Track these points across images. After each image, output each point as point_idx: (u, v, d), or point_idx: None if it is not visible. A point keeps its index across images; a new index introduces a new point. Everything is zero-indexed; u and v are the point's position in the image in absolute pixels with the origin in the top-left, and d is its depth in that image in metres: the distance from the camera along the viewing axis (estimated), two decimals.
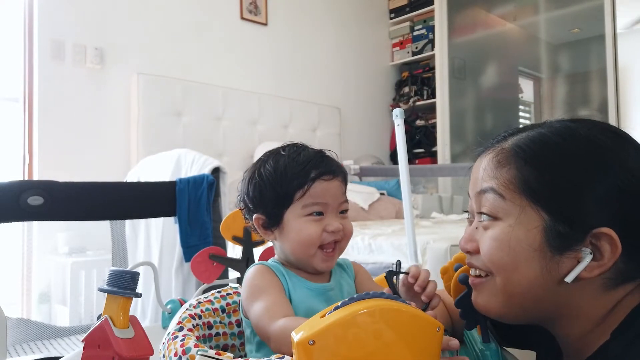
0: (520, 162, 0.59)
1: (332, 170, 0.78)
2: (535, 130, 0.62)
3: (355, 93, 4.17)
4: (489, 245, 0.60)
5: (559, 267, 0.57)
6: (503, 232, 0.59)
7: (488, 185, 0.61)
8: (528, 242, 0.57)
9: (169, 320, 1.13)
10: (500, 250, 0.59)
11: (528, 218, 0.57)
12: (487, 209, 0.61)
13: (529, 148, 0.59)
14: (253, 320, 0.72)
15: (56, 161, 2.57)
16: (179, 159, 2.12)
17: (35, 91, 2.56)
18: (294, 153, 0.79)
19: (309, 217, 0.77)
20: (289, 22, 3.71)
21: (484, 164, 0.63)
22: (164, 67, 2.99)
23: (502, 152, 0.62)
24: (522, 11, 4.05)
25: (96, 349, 0.66)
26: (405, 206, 1.46)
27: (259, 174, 0.79)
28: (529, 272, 0.58)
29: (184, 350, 0.66)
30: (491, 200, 0.60)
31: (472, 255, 0.64)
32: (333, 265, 0.80)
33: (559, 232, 0.56)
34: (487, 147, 0.65)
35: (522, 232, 0.57)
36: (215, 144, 3.08)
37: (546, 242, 0.56)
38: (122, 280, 0.68)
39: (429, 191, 3.95)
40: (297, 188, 0.76)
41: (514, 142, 0.62)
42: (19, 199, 1.30)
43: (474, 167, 0.67)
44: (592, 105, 3.64)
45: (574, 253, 0.56)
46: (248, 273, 0.78)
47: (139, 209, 1.66)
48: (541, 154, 0.59)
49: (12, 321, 2.02)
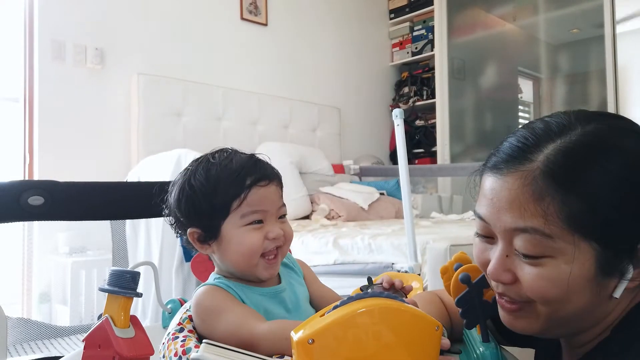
0: (562, 191, 0.52)
1: (267, 175, 0.75)
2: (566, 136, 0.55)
3: (355, 93, 4.17)
4: (540, 285, 0.55)
5: (607, 287, 0.55)
6: (556, 271, 0.54)
7: (529, 225, 0.54)
8: (582, 275, 0.54)
9: (169, 320, 1.13)
10: (554, 289, 0.54)
11: (580, 251, 0.53)
12: (530, 250, 0.55)
13: (568, 169, 0.52)
14: (223, 337, 0.68)
15: (56, 161, 2.57)
16: (179, 159, 2.13)
17: (36, 91, 2.56)
18: (225, 160, 0.75)
19: (248, 227, 0.73)
20: (289, 22, 3.71)
21: (512, 193, 0.55)
22: (164, 67, 2.99)
23: (535, 181, 0.54)
24: (521, 11, 4.05)
25: (97, 348, 0.66)
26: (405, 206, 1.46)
27: (189, 185, 0.74)
28: (580, 301, 0.55)
29: (184, 351, 0.66)
30: (535, 240, 0.54)
31: (504, 285, 0.59)
32: (276, 272, 0.77)
33: (610, 259, 0.54)
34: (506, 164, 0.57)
35: (577, 267, 0.53)
36: (215, 144, 3.04)
37: (599, 270, 0.54)
38: (123, 280, 0.68)
39: (429, 191, 3.95)
40: (233, 197, 0.72)
41: (544, 162, 0.54)
42: (20, 199, 1.30)
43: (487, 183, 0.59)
44: (591, 105, 3.64)
45: (619, 270, 0.55)
46: (196, 298, 0.73)
47: (140, 209, 1.66)
48: (584, 178, 0.52)
49: (13, 321, 2.02)
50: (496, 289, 0.61)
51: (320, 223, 2.70)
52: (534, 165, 0.54)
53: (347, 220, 2.85)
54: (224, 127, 3.19)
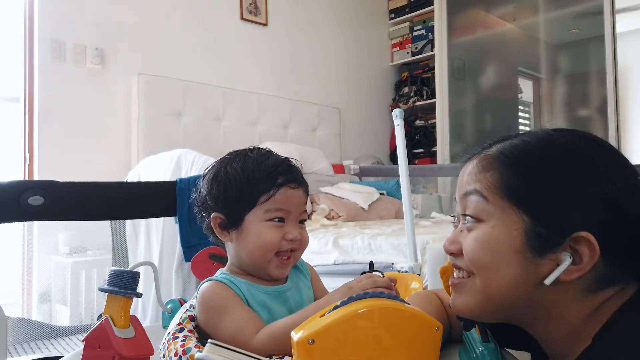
0: (503, 167, 0.61)
1: (298, 179, 0.78)
2: (519, 138, 0.64)
3: (355, 93, 4.17)
4: (471, 246, 0.61)
5: (539, 269, 0.58)
6: (485, 233, 0.60)
7: (472, 187, 0.63)
8: (509, 243, 0.59)
9: (169, 320, 1.13)
10: (481, 251, 0.60)
11: (510, 220, 0.59)
12: (471, 210, 0.63)
13: (512, 154, 0.62)
14: (224, 337, 0.69)
15: (56, 161, 2.57)
16: (179, 159, 2.13)
17: (36, 91, 2.56)
18: (262, 156, 0.78)
19: (269, 223, 0.75)
20: (289, 22, 3.72)
21: (469, 168, 0.66)
22: (164, 67, 2.99)
23: (486, 158, 0.64)
24: (521, 11, 4.05)
25: (96, 348, 0.66)
26: (405, 206, 1.46)
27: (225, 172, 0.77)
28: (509, 273, 0.59)
29: (184, 351, 0.66)
30: (475, 202, 0.62)
31: (456, 257, 0.66)
32: (287, 272, 0.79)
33: (539, 235, 0.57)
34: (473, 154, 0.68)
35: (504, 233, 0.59)
36: (215, 144, 3.08)
37: (527, 244, 0.58)
38: (123, 280, 0.68)
39: (429, 191, 3.95)
40: (262, 192, 0.75)
41: (498, 148, 0.64)
42: (19, 199, 1.30)
43: (460, 172, 0.69)
44: (591, 105, 3.64)
45: (553, 255, 0.57)
46: (201, 294, 0.75)
47: (140, 209, 1.66)
48: (522, 159, 0.61)
49: (13, 321, 2.03)
50: (452, 261, 0.67)
51: (321, 223, 2.70)
52: (491, 149, 0.65)
53: (347, 220, 2.85)
54: (224, 127, 3.19)
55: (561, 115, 3.87)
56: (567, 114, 3.84)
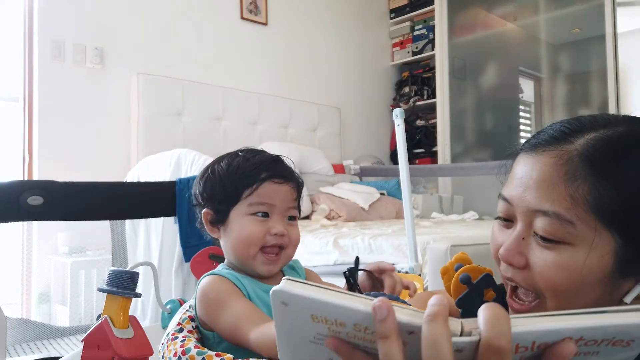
0: (595, 175, 0.50)
1: (284, 175, 0.79)
2: (609, 129, 0.53)
3: (355, 93, 4.16)
4: (554, 273, 0.52)
5: (620, 288, 0.53)
6: (572, 259, 0.51)
7: (553, 208, 0.52)
8: (599, 269, 0.51)
9: (168, 320, 1.13)
10: (567, 278, 0.52)
11: (602, 242, 0.51)
12: (550, 233, 0.52)
13: (604, 157, 0.51)
14: (225, 332, 0.70)
15: (56, 161, 2.57)
16: (179, 158, 2.12)
17: (35, 91, 2.56)
18: (249, 154, 0.81)
19: (252, 217, 0.76)
20: (289, 22, 3.71)
21: (545, 171, 0.53)
22: (164, 67, 2.99)
23: (570, 161, 0.52)
24: (522, 11, 4.05)
25: (96, 349, 0.66)
26: (405, 206, 1.46)
27: (212, 171, 0.81)
28: (590, 297, 0.53)
29: (183, 351, 0.66)
30: (555, 224, 0.52)
31: (514, 269, 0.56)
32: (276, 270, 0.79)
33: (630, 256, 0.51)
34: (544, 144, 0.55)
35: (595, 259, 0.51)
36: (215, 144, 3.07)
37: (616, 267, 0.51)
38: (122, 280, 0.68)
39: (429, 191, 3.94)
40: (245, 186, 0.77)
41: (584, 146, 0.52)
42: (19, 198, 1.30)
43: (522, 165, 0.57)
44: (592, 105, 3.64)
45: (637, 276, 0.52)
46: (201, 287, 0.75)
47: (139, 209, 1.66)
48: (620, 166, 0.50)
49: (12, 321, 2.02)
50: (505, 273, 0.58)
51: (321, 223, 2.70)
52: (573, 146, 0.52)
53: (347, 221, 2.85)
54: (224, 127, 3.19)
55: (562, 115, 3.87)
56: (568, 114, 3.83)
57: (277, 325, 0.41)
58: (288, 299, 0.38)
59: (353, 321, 0.38)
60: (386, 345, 0.36)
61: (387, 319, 0.36)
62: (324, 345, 0.40)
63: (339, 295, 0.38)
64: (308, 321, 0.39)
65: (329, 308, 0.38)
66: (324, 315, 0.38)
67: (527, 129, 4.14)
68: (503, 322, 0.36)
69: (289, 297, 0.38)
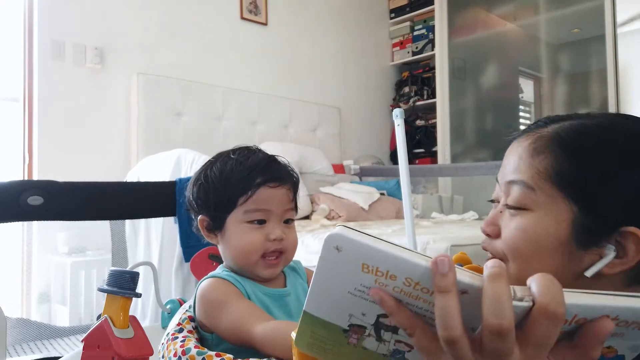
0: (558, 150, 0.57)
1: (280, 177, 0.76)
2: (579, 120, 0.60)
3: (355, 93, 4.16)
4: (513, 235, 0.58)
5: (580, 262, 0.56)
6: (531, 223, 0.57)
7: (518, 177, 0.59)
8: (555, 235, 0.56)
9: (168, 320, 1.13)
10: (524, 241, 0.57)
11: (558, 209, 0.56)
12: (514, 199, 0.59)
13: (569, 136, 0.57)
14: (226, 331, 0.70)
15: (56, 161, 2.57)
16: (179, 158, 2.12)
17: (35, 91, 2.56)
18: (242, 157, 0.78)
19: (249, 225, 0.75)
20: (289, 22, 3.71)
21: (520, 150, 0.61)
22: (164, 67, 2.99)
23: (540, 139, 0.59)
24: (522, 11, 4.05)
25: (96, 349, 0.66)
26: (405, 206, 1.46)
27: (204, 176, 0.78)
28: (548, 264, 0.56)
29: (183, 351, 0.66)
30: (519, 192, 0.58)
31: (490, 239, 0.62)
32: (277, 272, 0.78)
33: (587, 227, 0.55)
34: (525, 131, 0.63)
35: (551, 224, 0.56)
36: (215, 143, 3.07)
37: (573, 236, 0.55)
38: (122, 280, 0.68)
39: (429, 191, 3.94)
40: (241, 193, 0.74)
41: (554, 129, 0.59)
42: (19, 198, 1.30)
43: (508, 150, 0.64)
44: (592, 105, 3.64)
45: (597, 249, 0.55)
46: (201, 289, 0.74)
47: (139, 209, 1.66)
48: (580, 142, 0.57)
49: (12, 321, 2.02)
50: (483, 245, 0.64)
51: (321, 223, 2.70)
52: (546, 129, 0.60)
53: (348, 221, 2.85)
54: (224, 127, 3.19)
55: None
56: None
57: (319, 271, 0.40)
58: (344, 244, 0.38)
59: (406, 275, 0.38)
60: (446, 299, 0.37)
61: (449, 274, 0.37)
62: (362, 298, 0.40)
63: (397, 248, 0.38)
64: (357, 270, 0.38)
65: (385, 258, 0.37)
66: (376, 265, 0.38)
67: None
68: (559, 289, 0.37)
69: (345, 242, 0.38)
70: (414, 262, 0.37)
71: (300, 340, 0.45)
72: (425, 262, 0.37)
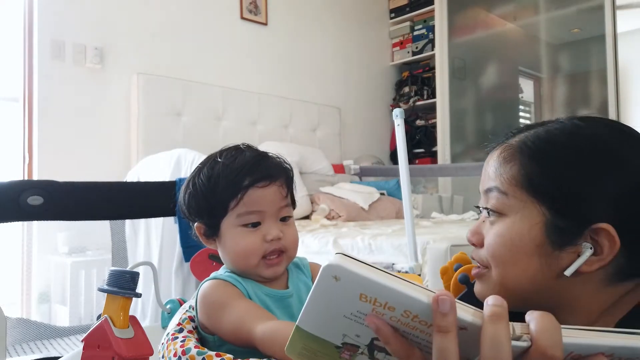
0: (524, 158, 0.59)
1: (269, 175, 0.74)
2: (543, 127, 0.62)
3: (355, 93, 4.16)
4: (493, 241, 0.60)
5: (559, 261, 0.57)
6: (506, 228, 0.59)
7: (493, 184, 0.62)
8: (530, 238, 0.58)
9: (168, 320, 1.13)
10: (502, 246, 0.59)
11: (530, 213, 0.58)
12: (492, 205, 0.61)
13: (534, 144, 0.60)
14: (227, 332, 0.69)
15: (56, 161, 2.57)
16: (179, 158, 2.13)
17: (35, 91, 2.56)
18: (229, 159, 0.76)
19: (244, 228, 0.74)
20: (289, 22, 3.71)
21: (492, 161, 0.64)
22: (164, 67, 2.99)
23: (508, 149, 0.62)
24: (522, 11, 4.05)
25: (96, 348, 0.66)
26: (405, 206, 1.46)
27: (193, 184, 0.77)
28: (528, 267, 0.58)
29: (183, 351, 0.66)
30: (495, 198, 0.61)
31: (476, 248, 0.65)
32: (281, 270, 0.76)
33: (559, 228, 0.56)
34: (497, 143, 0.66)
35: (525, 228, 0.58)
36: (215, 143, 3.05)
37: (547, 238, 0.57)
38: (122, 280, 0.68)
39: (429, 191, 3.94)
40: (230, 197, 0.73)
41: (520, 138, 0.62)
42: (19, 198, 1.30)
43: (484, 163, 0.67)
44: (592, 105, 3.64)
45: (574, 248, 0.56)
46: (202, 291, 0.74)
47: (139, 209, 1.66)
48: (544, 149, 0.59)
49: (12, 321, 2.02)
50: (471, 253, 0.67)
51: (321, 223, 2.70)
52: (513, 139, 0.63)
53: (347, 221, 2.85)
54: (224, 127, 3.19)
55: (562, 115, 3.86)
56: (568, 114, 3.82)
57: (315, 294, 0.40)
58: (342, 274, 0.38)
59: (405, 307, 0.38)
60: (444, 340, 0.37)
61: (450, 314, 0.37)
62: (357, 323, 0.40)
63: (397, 281, 0.37)
64: (354, 299, 0.38)
65: (384, 291, 0.37)
66: (374, 296, 0.38)
67: None
68: (557, 332, 0.38)
69: (343, 273, 0.38)
70: (415, 297, 0.37)
71: (292, 349, 0.45)
72: (427, 298, 0.37)
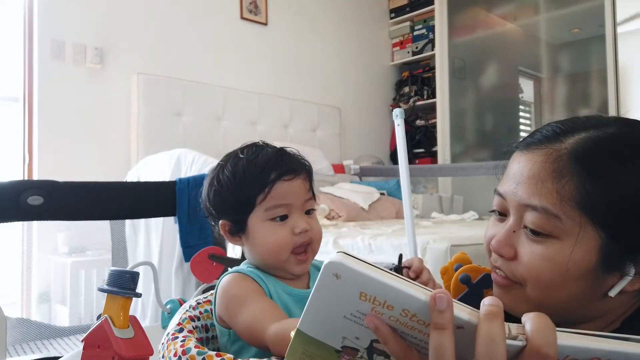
0: (583, 174, 0.52)
1: (293, 169, 0.75)
2: (600, 130, 0.55)
3: (355, 93, 4.16)
4: (539, 264, 0.54)
5: (605, 282, 0.54)
6: (557, 252, 0.53)
7: (538, 203, 0.54)
8: (583, 263, 0.52)
9: (168, 320, 1.13)
10: (550, 271, 0.54)
11: (586, 237, 0.52)
12: (537, 226, 0.54)
13: (593, 155, 0.53)
14: (241, 329, 0.70)
15: (56, 161, 2.56)
16: (179, 158, 2.13)
17: (35, 91, 2.56)
18: (252, 155, 0.77)
19: (272, 222, 0.74)
20: (289, 22, 3.71)
21: (536, 169, 0.55)
22: (164, 67, 2.99)
23: (559, 159, 0.54)
24: (522, 11, 4.05)
25: (96, 348, 0.66)
26: (405, 206, 1.46)
27: (217, 180, 0.77)
28: (573, 290, 0.54)
29: (183, 351, 0.66)
30: (542, 218, 0.54)
31: (504, 260, 0.59)
32: (308, 267, 0.78)
33: (613, 252, 0.52)
34: (536, 143, 0.57)
35: (579, 253, 0.52)
36: (215, 143, 3.07)
37: (599, 262, 0.52)
38: (122, 280, 0.68)
39: (429, 191, 3.94)
40: (258, 192, 0.74)
41: (573, 145, 0.54)
42: (19, 198, 1.30)
43: (514, 161, 0.59)
44: (592, 105, 3.64)
45: (621, 270, 0.53)
46: (223, 283, 0.74)
47: (139, 209, 1.66)
48: (607, 165, 0.52)
49: (12, 321, 2.02)
50: (494, 262, 0.60)
51: (321, 223, 2.69)
52: (563, 145, 0.55)
53: (347, 221, 2.85)
54: (224, 127, 3.19)
55: (562, 115, 3.86)
56: (568, 114, 3.83)
57: (315, 293, 0.40)
58: (343, 272, 0.38)
59: (403, 306, 0.38)
60: (441, 337, 0.37)
61: (446, 311, 0.37)
62: (357, 323, 0.40)
63: (396, 279, 0.38)
64: (354, 297, 0.39)
65: (384, 289, 0.37)
66: (374, 294, 0.38)
67: (527, 129, 4.14)
68: (552, 332, 0.38)
69: (344, 271, 0.38)
70: (413, 295, 0.37)
71: (292, 354, 0.45)
72: (424, 296, 0.37)
